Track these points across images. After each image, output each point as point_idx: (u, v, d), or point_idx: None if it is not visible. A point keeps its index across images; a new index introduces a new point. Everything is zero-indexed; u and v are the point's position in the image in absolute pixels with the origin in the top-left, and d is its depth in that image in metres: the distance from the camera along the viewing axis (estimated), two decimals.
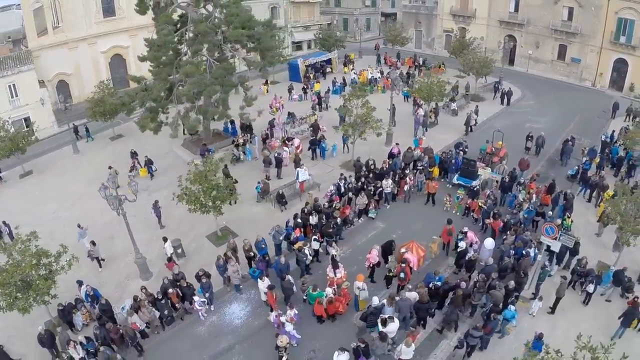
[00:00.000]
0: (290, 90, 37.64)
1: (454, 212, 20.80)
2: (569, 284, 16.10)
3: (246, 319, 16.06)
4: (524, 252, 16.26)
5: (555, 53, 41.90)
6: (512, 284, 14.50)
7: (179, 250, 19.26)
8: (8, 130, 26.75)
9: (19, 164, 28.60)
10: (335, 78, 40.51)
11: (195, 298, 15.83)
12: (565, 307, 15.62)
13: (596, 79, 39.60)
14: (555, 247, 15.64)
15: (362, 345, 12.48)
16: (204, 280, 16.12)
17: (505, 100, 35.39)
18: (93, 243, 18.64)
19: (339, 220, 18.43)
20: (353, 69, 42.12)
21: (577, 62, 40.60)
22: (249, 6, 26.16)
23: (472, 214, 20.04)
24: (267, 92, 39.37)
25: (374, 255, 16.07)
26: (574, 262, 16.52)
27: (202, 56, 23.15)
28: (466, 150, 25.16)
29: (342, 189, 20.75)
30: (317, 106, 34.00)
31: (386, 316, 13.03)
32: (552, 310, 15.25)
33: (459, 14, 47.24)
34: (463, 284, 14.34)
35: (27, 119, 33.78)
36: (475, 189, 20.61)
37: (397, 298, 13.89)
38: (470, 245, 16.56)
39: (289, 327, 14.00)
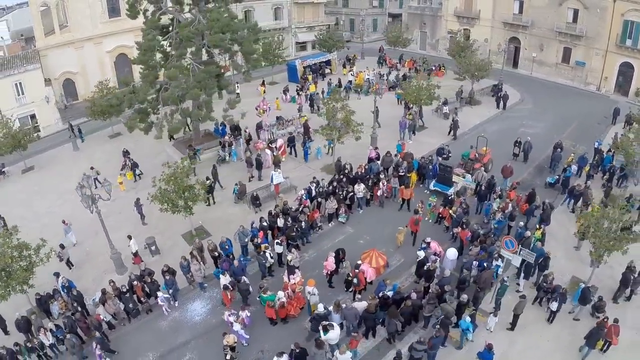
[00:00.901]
0: (285, 91, 38.25)
1: (426, 219, 20.68)
2: (535, 300, 15.81)
3: (205, 316, 16.69)
4: (485, 264, 15.94)
5: (560, 56, 41.00)
6: (464, 297, 14.33)
7: (153, 248, 20.09)
8: (11, 127, 28.37)
9: (22, 160, 30.30)
10: (330, 79, 40.93)
11: (159, 293, 16.59)
12: (528, 324, 15.31)
13: (601, 83, 38.71)
14: (516, 261, 15.44)
15: (297, 350, 12.83)
16: (167, 277, 16.82)
17: (502, 104, 35.01)
18: (62, 246, 19.28)
19: (303, 224, 18.72)
20: (350, 71, 42.50)
21: (582, 65, 39.73)
22: (232, 11, 26.52)
23: (444, 222, 20.02)
24: (265, 92, 40.22)
25: (331, 263, 16.38)
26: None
27: (186, 60, 24.04)
28: (449, 155, 25.13)
29: (313, 193, 21.08)
30: (310, 107, 34.67)
31: (327, 323, 13.26)
32: (512, 326, 14.96)
33: (463, 15, 46.80)
34: (414, 295, 14.32)
35: (32, 116, 35.43)
36: (450, 197, 20.44)
37: (343, 306, 14.10)
38: (435, 254, 16.52)
39: (236, 327, 14.52)
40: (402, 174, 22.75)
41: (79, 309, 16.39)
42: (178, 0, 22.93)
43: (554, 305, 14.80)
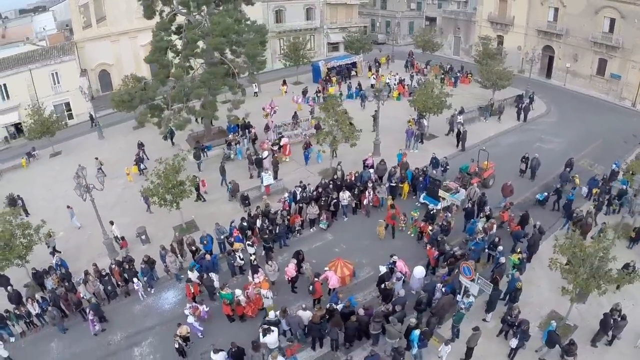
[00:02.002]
0: (304, 92, 38.89)
1: (408, 233, 20.37)
2: (499, 332, 15.05)
3: (174, 305, 17.57)
4: (451, 288, 15.25)
5: (594, 67, 38.53)
6: (413, 321, 13.83)
7: (143, 237, 21.29)
8: (41, 114, 30.88)
9: (51, 145, 32.83)
10: (350, 82, 41.01)
11: (135, 280, 17.93)
12: (486, 358, 14.61)
13: (637, 99, 36.37)
14: (474, 289, 14.89)
15: (234, 350, 13.27)
16: (142, 266, 18.00)
17: (522, 115, 33.63)
18: (49, 235, 19.92)
19: (278, 227, 19.07)
20: (374, 74, 42.38)
21: (617, 78, 37.20)
22: (242, 13, 27.31)
23: (423, 238, 19.44)
24: (285, 92, 41.03)
25: (291, 269, 16.63)
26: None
27: (195, 61, 25.18)
28: (447, 168, 24.47)
29: (298, 197, 21.35)
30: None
31: (267, 327, 13.60)
32: (465, 359, 14.27)
33: (497, 21, 45.02)
34: (361, 311, 14.18)
35: (67, 104, 38.28)
36: (432, 212, 19.93)
37: (288, 313, 14.40)
38: (400, 273, 16.26)
39: (190, 319, 15.23)
40: (394, 184, 22.66)
41: (65, 285, 17.96)
42: (186, 3, 23.98)
43: (513, 342, 13.90)
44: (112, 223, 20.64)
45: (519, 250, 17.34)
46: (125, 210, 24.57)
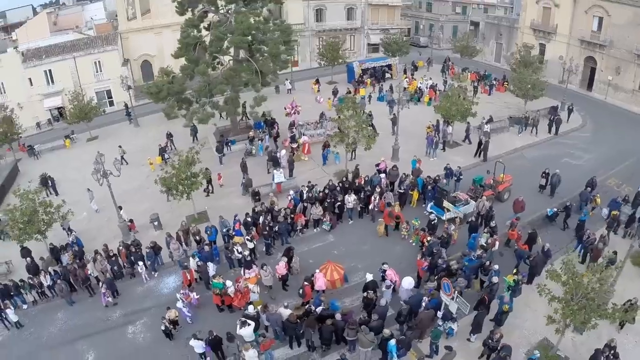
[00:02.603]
0: (335, 92, 38.94)
1: (410, 241, 20.03)
2: (480, 356, 14.36)
3: (173, 290, 18.19)
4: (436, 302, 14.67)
5: (638, 82, 35.90)
6: (386, 332, 13.57)
7: (156, 223, 22.36)
8: (80, 100, 32.92)
9: (88, 130, 34.90)
10: (382, 85, 40.79)
11: (140, 263, 18.85)
12: None
13: None
14: (452, 307, 14.47)
15: (210, 338, 13.75)
16: (147, 250, 19.02)
17: (554, 128, 31.87)
18: (63, 217, 21.19)
19: (277, 226, 19.39)
20: (407, 77, 41.86)
21: None
22: (269, 12, 27.75)
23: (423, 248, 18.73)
24: (318, 91, 41.37)
25: (281, 267, 16.83)
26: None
27: (218, 57, 25.94)
28: (461, 178, 23.82)
29: (304, 197, 21.56)
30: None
31: (244, 319, 13.95)
32: None
33: (540, 28, 42.89)
34: (338, 316, 14.13)
35: (108, 92, 40.50)
36: (433, 222, 19.37)
37: (270, 308, 14.62)
38: (390, 281, 16.06)
39: (179, 304, 15.89)
40: (403, 191, 22.34)
41: (77, 261, 19.19)
42: (213, 2, 24.71)
43: None
44: (120, 208, 21.70)
45: (515, 271, 16.53)
46: (146, 197, 25.73)
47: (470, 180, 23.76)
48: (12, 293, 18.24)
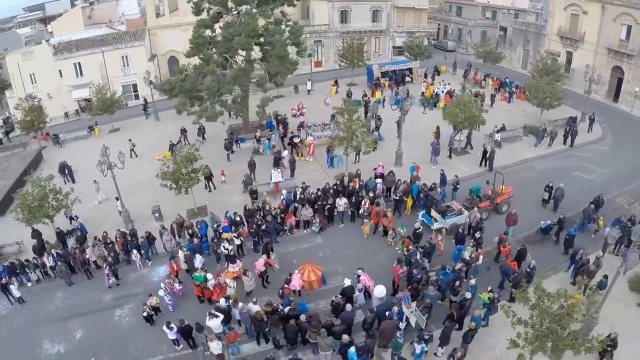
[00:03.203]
0: (349, 94, 39.08)
1: (396, 248, 19.87)
2: None
3: (162, 278, 18.63)
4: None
5: None
6: (345, 337, 13.59)
7: (157, 215, 23.54)
8: (104, 94, 34.63)
9: (111, 122, 36.60)
10: (397, 89, 40.51)
11: (134, 251, 19.94)
12: None
13: None
14: (412, 320, 14.44)
15: (182, 326, 14.51)
16: (141, 240, 20.11)
17: (569, 140, 30.62)
18: (66, 206, 22.23)
19: (265, 225, 19.84)
20: (425, 82, 41.46)
21: None
22: (281, 13, 28.14)
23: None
24: (336, 92, 41.61)
25: (260, 264, 17.42)
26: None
27: (226, 57, 26.69)
28: (458, 187, 23.45)
29: (298, 197, 21.93)
30: (364, 114, 35.19)
31: (213, 312, 14.63)
32: None
33: (567, 36, 41.15)
34: (302, 317, 14.48)
35: (134, 86, 42.29)
36: (418, 230, 19.22)
37: (239, 305, 15.11)
38: (361, 290, 16.20)
39: (161, 292, 16.77)
40: (397, 197, 22.29)
41: (78, 246, 20.49)
42: (224, 3, 25.46)
43: None
44: (117, 199, 22.84)
45: (489, 288, 16.09)
46: (154, 190, 26.41)
47: (468, 189, 23.48)
48: (17, 271, 19.69)
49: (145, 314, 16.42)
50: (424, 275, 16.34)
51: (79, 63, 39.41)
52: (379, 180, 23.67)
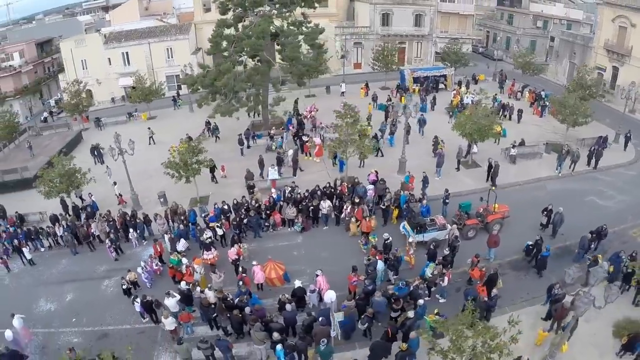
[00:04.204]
0: (374, 98, 38.96)
1: (365, 257, 18.88)
2: None
3: (148, 257, 20.15)
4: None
5: None
6: (275, 335, 13.89)
7: (162, 200, 25.30)
8: (144, 83, 37.21)
9: (148, 110, 39.21)
10: (424, 95, 39.79)
11: (131, 230, 21.77)
12: None
13: None
14: (332, 334, 14.51)
15: (144, 300, 15.86)
16: (137, 221, 21.81)
17: (593, 161, 28.31)
18: (77, 186, 24.39)
19: (246, 219, 20.76)
20: (455, 90, 40.37)
21: None
22: (301, 15, 28.64)
23: None
24: (366, 95, 41.61)
25: (232, 253, 18.41)
26: None
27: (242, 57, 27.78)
28: (447, 202, 22.80)
29: (285, 196, 22.50)
30: (384, 119, 35.05)
31: (170, 291, 15.94)
32: None
33: (614, 49, 37.93)
34: (247, 309, 15.11)
35: (177, 77, 44.81)
36: (387, 241, 18.86)
37: (197, 289, 16.23)
38: (313, 291, 16.44)
39: (139, 270, 18.30)
40: (384, 206, 22.06)
41: (85, 220, 22.71)
42: (242, 4, 26.44)
43: None
44: (115, 183, 24.71)
45: (436, 311, 15.40)
46: (165, 176, 28.20)
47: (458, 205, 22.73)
48: (33, 237, 22.14)
49: (124, 286, 17.88)
50: (375, 287, 16.26)
51: (126, 52, 42.58)
52: (370, 187, 23.63)
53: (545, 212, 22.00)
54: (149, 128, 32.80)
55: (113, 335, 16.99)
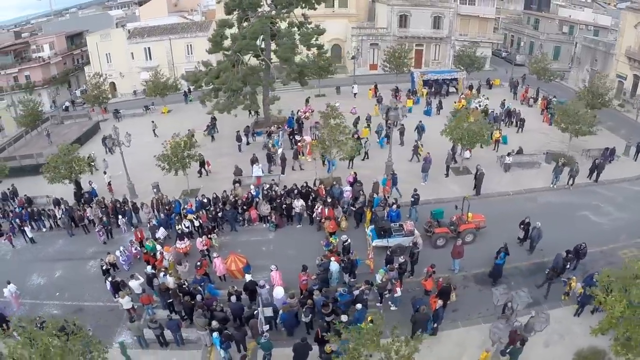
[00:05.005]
0: (379, 100, 38.92)
1: (318, 258, 19.07)
2: None
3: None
4: None
5: None
6: (214, 324, 14.75)
7: (155, 190, 26.65)
8: (159, 78, 39.02)
9: (164, 104, 40.91)
10: (430, 100, 39.12)
11: (120, 217, 23.23)
12: None
13: None
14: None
15: (112, 281, 17.48)
16: (126, 209, 23.26)
17: (595, 174, 26.62)
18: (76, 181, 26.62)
19: (221, 213, 21.80)
20: (463, 94, 39.63)
21: None
22: (301, 16, 29.08)
23: None
24: (374, 96, 41.59)
25: (200, 244, 19.67)
26: None
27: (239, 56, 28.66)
28: (415, 205, 22.52)
29: (262, 193, 23.27)
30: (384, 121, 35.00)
31: (135, 274, 17.32)
32: None
33: (635, 57, 36.04)
34: (198, 297, 16.05)
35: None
36: (345, 243, 19.03)
37: (160, 274, 17.41)
38: (263, 286, 16.95)
39: (117, 253, 19.72)
40: (356, 208, 22.25)
41: (81, 205, 24.56)
42: (238, 5, 27.28)
43: None
44: (105, 173, 26.30)
45: (370, 318, 14.52)
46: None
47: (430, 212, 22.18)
48: (35, 218, 24.15)
49: (103, 267, 19.25)
50: (320, 286, 16.57)
51: (148, 48, 44.71)
52: (347, 189, 23.97)
53: (522, 226, 20.79)
54: (152, 121, 34.45)
55: (87, 311, 18.54)
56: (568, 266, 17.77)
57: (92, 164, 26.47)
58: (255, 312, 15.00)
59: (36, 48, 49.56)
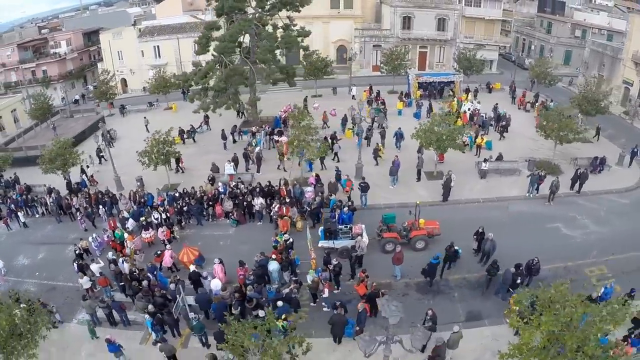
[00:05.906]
0: (369, 102, 39.33)
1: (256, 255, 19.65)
2: None
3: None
4: None
5: None
6: (150, 308, 16.10)
7: (138, 183, 28.57)
8: (162, 76, 41.11)
9: (166, 101, 42.96)
10: (421, 103, 39.06)
11: (100, 207, 25.22)
12: None
13: None
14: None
15: (79, 263, 19.40)
16: (106, 199, 25.24)
17: (577, 184, 25.65)
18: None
19: (187, 207, 23.38)
20: (456, 97, 39.25)
21: None
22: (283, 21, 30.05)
23: None
24: (366, 98, 42.02)
25: (161, 234, 21.50)
26: None
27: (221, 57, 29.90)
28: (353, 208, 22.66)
29: (228, 190, 24.59)
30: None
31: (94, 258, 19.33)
32: None
33: None
34: (145, 283, 17.52)
35: None
36: (287, 241, 19.81)
37: (119, 261, 19.26)
38: (206, 277, 18.29)
39: (90, 239, 21.67)
40: (311, 209, 23.05)
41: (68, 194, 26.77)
42: (220, 9, 28.64)
43: None
44: (87, 167, 28.35)
45: (284, 317, 14.97)
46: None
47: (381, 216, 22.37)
48: (29, 205, 26.63)
49: (76, 252, 21.15)
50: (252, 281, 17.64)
51: (157, 46, 46.95)
52: (309, 189, 24.92)
53: (475, 236, 20.30)
54: (144, 117, 36.44)
55: (59, 290, 20.63)
56: (518, 281, 17.08)
57: (84, 159, 28.59)
58: (177, 300, 16.39)
59: (54, 44, 52.90)
